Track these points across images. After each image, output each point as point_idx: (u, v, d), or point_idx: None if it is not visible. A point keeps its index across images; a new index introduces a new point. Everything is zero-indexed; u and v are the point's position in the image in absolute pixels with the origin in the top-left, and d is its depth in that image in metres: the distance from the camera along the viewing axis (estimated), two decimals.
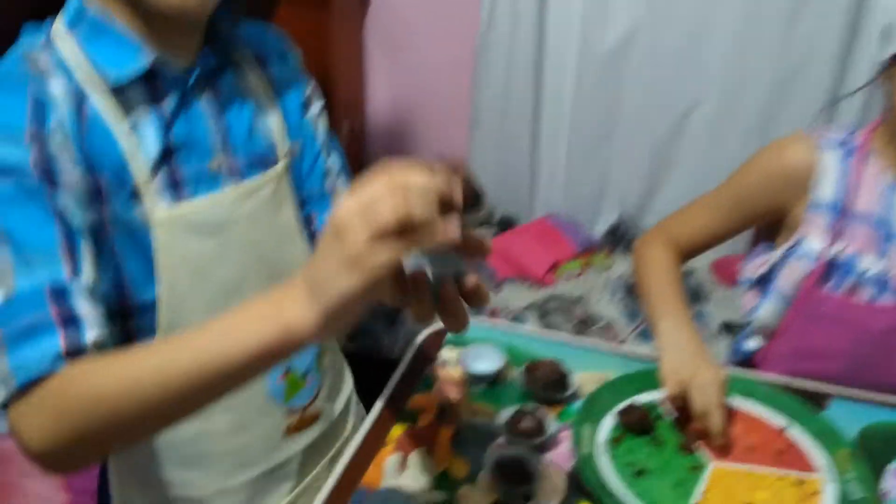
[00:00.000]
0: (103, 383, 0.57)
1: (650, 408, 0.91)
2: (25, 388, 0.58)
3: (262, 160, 0.81)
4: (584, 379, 0.97)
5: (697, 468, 0.85)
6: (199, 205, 0.75)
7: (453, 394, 0.93)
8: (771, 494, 0.82)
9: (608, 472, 0.84)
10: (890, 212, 0.96)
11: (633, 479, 0.83)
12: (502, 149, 2.02)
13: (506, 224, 2.04)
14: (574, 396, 0.95)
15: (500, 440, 0.88)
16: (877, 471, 0.85)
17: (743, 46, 1.73)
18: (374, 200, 0.50)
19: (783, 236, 1.02)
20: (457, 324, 0.61)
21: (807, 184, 0.97)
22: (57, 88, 0.68)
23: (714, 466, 0.86)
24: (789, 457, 0.87)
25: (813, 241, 0.97)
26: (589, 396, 0.92)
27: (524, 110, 1.95)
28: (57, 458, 0.58)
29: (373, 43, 2.08)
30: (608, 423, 0.90)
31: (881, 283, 0.96)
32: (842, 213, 0.97)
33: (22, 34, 0.73)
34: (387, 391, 0.96)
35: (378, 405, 0.94)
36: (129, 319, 0.74)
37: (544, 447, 0.87)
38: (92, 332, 0.61)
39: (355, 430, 0.96)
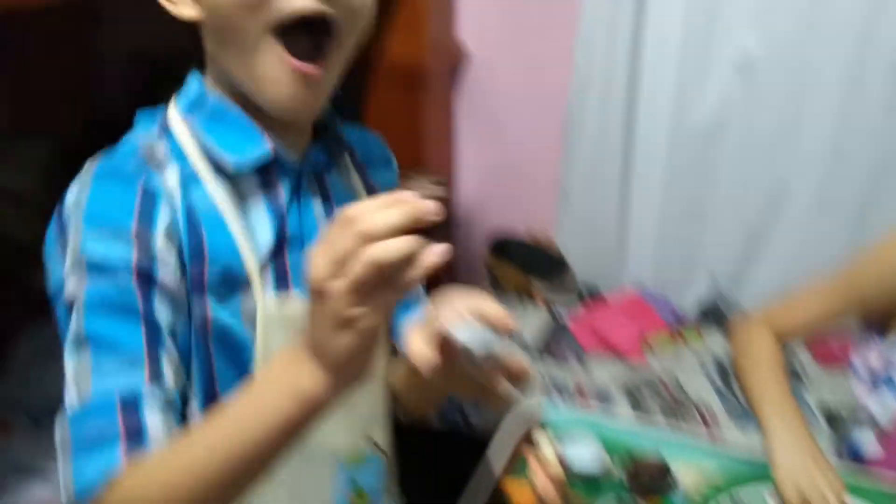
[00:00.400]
0: (149, 494, 0.58)
1: None
2: (81, 498, 0.59)
3: None
4: (683, 471, 0.94)
5: None
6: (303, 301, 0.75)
7: (547, 487, 0.92)
8: None
9: None
10: None
11: None
12: (590, 220, 2.02)
13: (591, 294, 2.02)
14: (675, 493, 0.93)
15: None
16: None
17: (840, 128, 1.69)
18: (343, 256, 0.50)
19: None
20: (500, 403, 0.61)
21: None
22: (171, 180, 0.69)
23: None
24: None
25: None
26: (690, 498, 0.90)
27: (613, 183, 1.94)
28: None
29: (462, 117, 2.12)
30: None
31: None
32: None
33: (136, 121, 0.75)
34: (490, 482, 0.95)
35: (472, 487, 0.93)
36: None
37: None
38: (156, 445, 0.61)
39: None
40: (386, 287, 0.51)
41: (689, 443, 1.02)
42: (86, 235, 0.65)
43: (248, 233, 0.72)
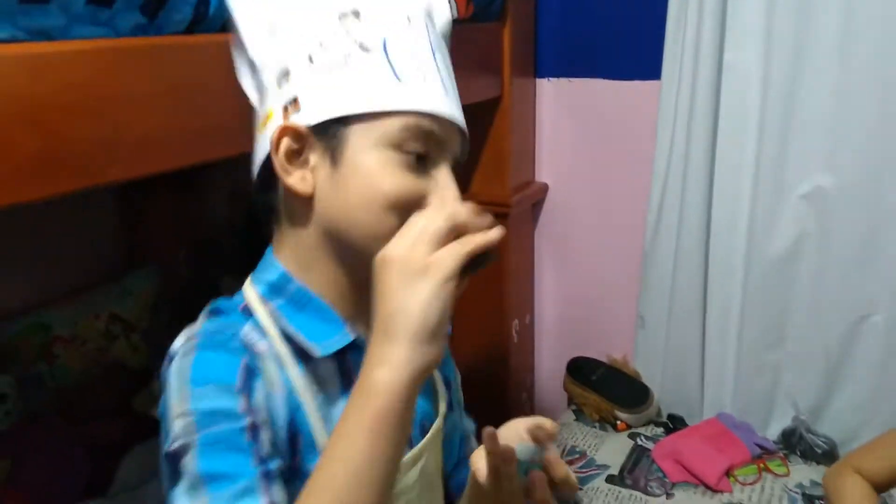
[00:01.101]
0: None
1: None
2: None
3: (423, 427, 0.84)
4: None
5: None
6: None
7: None
8: None
9: None
10: None
11: None
12: (669, 349, 2.06)
13: (674, 423, 2.03)
14: None
15: None
16: None
17: None
18: (420, 230, 0.60)
19: None
20: None
21: None
22: (271, 373, 0.71)
23: None
24: None
25: None
26: None
27: (691, 312, 1.99)
28: None
29: (543, 247, 2.22)
30: None
31: None
32: None
33: (216, 308, 0.78)
34: None
35: None
36: None
37: None
38: None
39: None
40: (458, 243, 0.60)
41: None
42: (193, 395, 0.67)
43: (324, 421, 0.73)
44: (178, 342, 0.74)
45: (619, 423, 2.03)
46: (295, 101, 0.73)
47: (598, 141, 2.09)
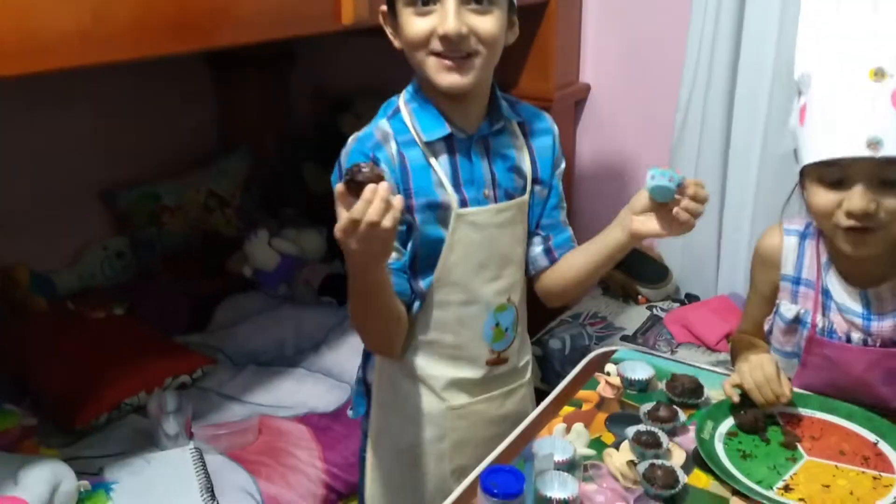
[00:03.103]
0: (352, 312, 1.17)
1: (764, 415, 1.18)
2: None
3: (511, 194, 1.22)
4: (715, 395, 1.25)
5: (793, 459, 1.11)
6: (476, 212, 1.18)
7: (608, 393, 1.27)
8: (849, 482, 1.06)
9: (720, 452, 1.12)
10: (827, 282, 1.20)
11: (739, 459, 1.11)
12: (689, 236, 2.26)
13: (689, 300, 2.30)
14: (705, 403, 1.24)
15: (641, 425, 1.18)
16: None
17: None
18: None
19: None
20: (682, 227, 1.11)
21: (779, 262, 1.25)
22: (391, 149, 1.15)
23: (807, 459, 1.11)
24: (874, 461, 1.10)
25: (784, 304, 1.25)
26: (716, 403, 1.21)
27: (711, 202, 2.21)
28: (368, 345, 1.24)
29: (584, 142, 2.49)
30: (727, 423, 1.18)
31: (830, 334, 1.20)
32: (799, 283, 1.23)
33: (382, 108, 1.21)
34: (564, 382, 1.32)
35: (557, 389, 1.29)
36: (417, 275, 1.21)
37: (674, 432, 1.17)
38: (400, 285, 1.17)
39: (530, 382, 1.35)
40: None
41: (722, 374, 1.33)
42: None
43: (440, 175, 1.17)
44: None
45: (640, 297, 2.32)
46: None
47: (636, 46, 2.32)
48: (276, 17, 1.40)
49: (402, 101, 1.20)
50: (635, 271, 2.34)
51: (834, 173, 1.11)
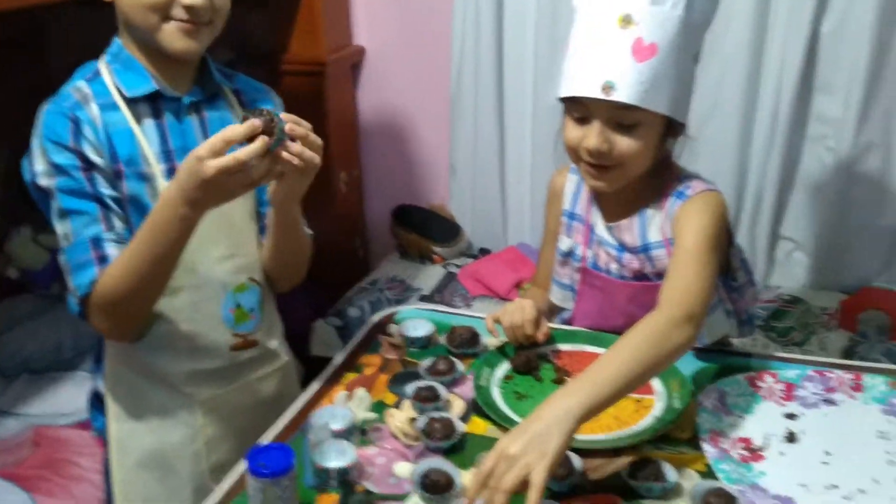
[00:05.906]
0: (115, 280, 1.03)
1: (537, 355, 1.22)
2: (82, 299, 1.04)
3: None
4: (493, 342, 1.28)
5: None
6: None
7: (391, 354, 1.26)
8: (614, 407, 1.11)
9: (497, 396, 1.14)
10: (592, 215, 1.28)
11: (515, 401, 1.14)
12: (476, 190, 2.36)
13: (482, 253, 2.36)
14: (483, 351, 1.26)
15: (422, 381, 1.18)
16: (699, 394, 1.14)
17: None
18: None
19: None
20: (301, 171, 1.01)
21: (562, 198, 1.32)
22: (92, 110, 1.06)
23: None
24: None
25: (561, 238, 1.32)
26: (491, 350, 1.24)
27: (492, 156, 2.29)
28: (112, 326, 1.08)
29: (365, 107, 2.46)
30: (504, 367, 1.21)
31: (595, 266, 1.28)
32: (573, 218, 1.30)
33: (77, 70, 1.11)
34: (345, 350, 1.29)
35: (338, 359, 1.27)
36: None
37: (454, 384, 1.18)
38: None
39: (289, 364, 1.28)
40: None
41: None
42: (47, 148, 1.04)
43: (146, 141, 1.09)
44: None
45: (435, 256, 2.35)
46: None
47: (407, 6, 2.31)
48: None
49: (103, 62, 1.12)
50: (428, 232, 2.36)
51: (580, 110, 1.15)
